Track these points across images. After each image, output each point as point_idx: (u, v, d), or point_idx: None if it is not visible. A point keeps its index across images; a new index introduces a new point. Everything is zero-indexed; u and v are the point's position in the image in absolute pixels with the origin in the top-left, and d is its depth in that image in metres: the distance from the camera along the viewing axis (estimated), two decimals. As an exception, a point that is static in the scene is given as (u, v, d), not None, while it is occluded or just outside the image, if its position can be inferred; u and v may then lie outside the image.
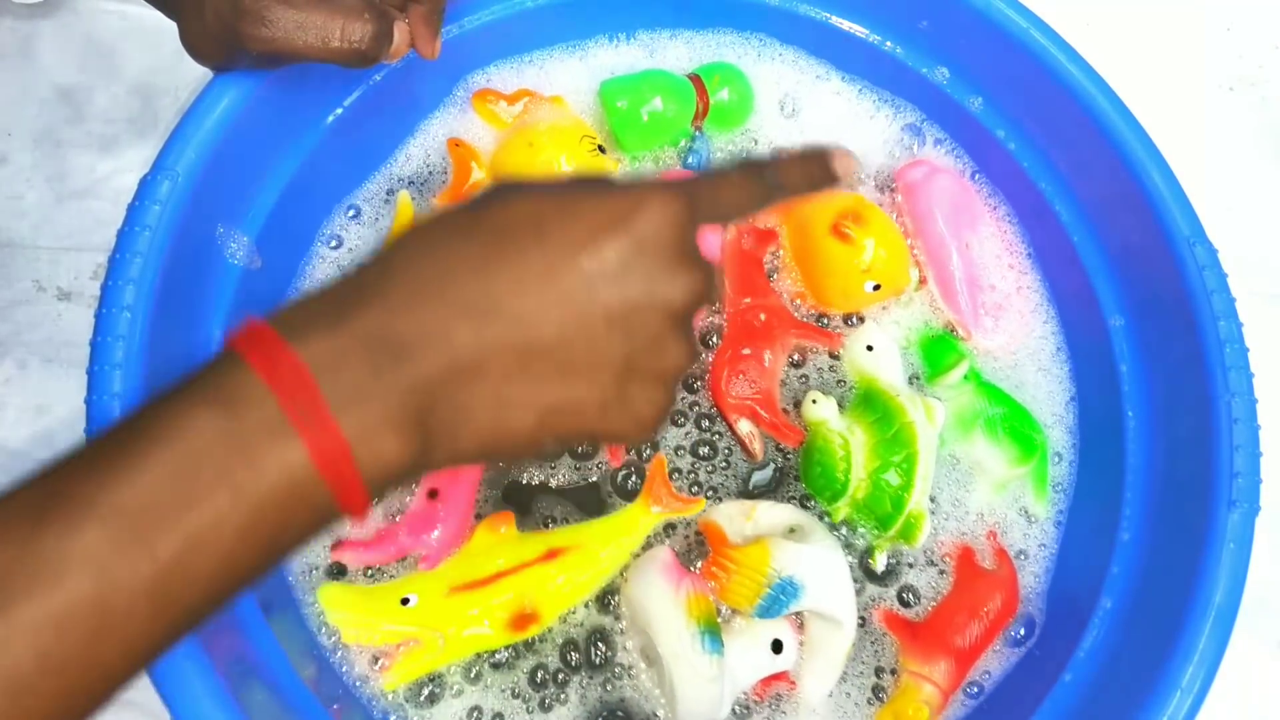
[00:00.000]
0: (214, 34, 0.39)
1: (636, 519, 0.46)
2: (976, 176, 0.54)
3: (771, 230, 0.52)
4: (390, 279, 0.27)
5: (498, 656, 0.45)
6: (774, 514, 0.46)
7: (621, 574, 0.46)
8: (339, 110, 0.49)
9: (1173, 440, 0.47)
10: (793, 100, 0.55)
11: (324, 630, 0.44)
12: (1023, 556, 0.49)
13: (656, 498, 0.47)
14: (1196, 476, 0.44)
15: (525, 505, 0.47)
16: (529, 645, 0.45)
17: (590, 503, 0.48)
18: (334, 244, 0.52)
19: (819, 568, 0.43)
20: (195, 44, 0.40)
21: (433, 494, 0.46)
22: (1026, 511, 0.49)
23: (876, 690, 0.46)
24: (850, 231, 0.49)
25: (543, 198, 0.28)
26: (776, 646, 0.44)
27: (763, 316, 0.50)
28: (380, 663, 0.44)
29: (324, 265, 0.51)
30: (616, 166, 0.53)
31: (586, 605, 0.46)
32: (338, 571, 0.46)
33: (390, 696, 0.44)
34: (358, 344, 0.26)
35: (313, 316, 0.27)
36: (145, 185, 0.42)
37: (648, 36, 0.55)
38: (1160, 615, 0.43)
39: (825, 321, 0.51)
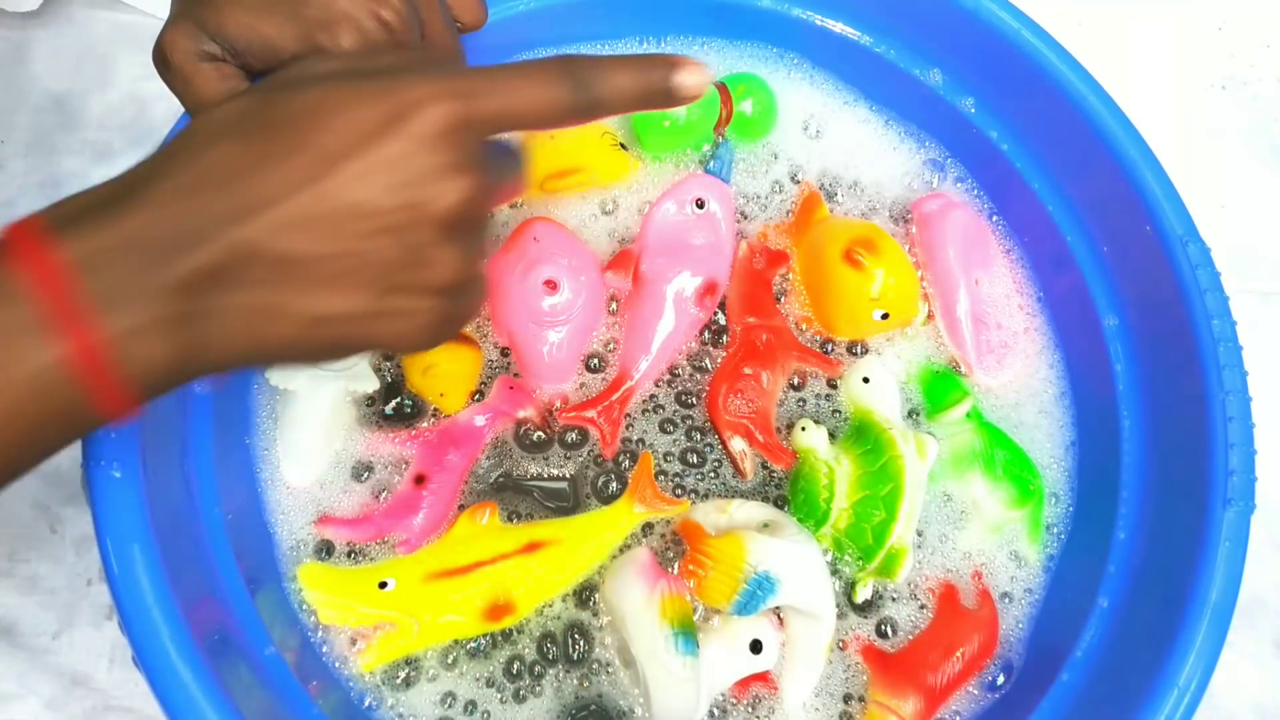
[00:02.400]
0: None
1: (619, 517, 0.46)
2: (995, 218, 0.54)
3: (783, 252, 0.52)
4: (167, 172, 0.27)
5: (475, 645, 0.45)
6: (748, 510, 0.45)
7: (599, 572, 0.45)
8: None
9: (1168, 439, 0.46)
10: (817, 122, 0.55)
11: (305, 609, 0.44)
12: (1007, 599, 0.48)
13: (641, 496, 0.47)
14: (1192, 475, 0.43)
15: (513, 499, 0.47)
16: (505, 636, 0.45)
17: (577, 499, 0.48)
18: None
19: (794, 561, 0.43)
20: None
21: (419, 480, 0.46)
22: (1017, 554, 0.48)
23: (843, 717, 0.45)
24: (863, 259, 0.49)
25: (325, 90, 0.27)
26: (755, 647, 0.44)
27: (765, 337, 0.50)
28: (358, 644, 0.44)
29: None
30: (638, 165, 0.53)
31: (565, 600, 0.45)
32: (324, 549, 0.46)
33: (367, 678, 0.44)
34: (128, 240, 0.26)
35: (86, 212, 0.26)
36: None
37: (679, 41, 0.55)
38: (1157, 614, 0.42)
39: (829, 348, 0.51)
